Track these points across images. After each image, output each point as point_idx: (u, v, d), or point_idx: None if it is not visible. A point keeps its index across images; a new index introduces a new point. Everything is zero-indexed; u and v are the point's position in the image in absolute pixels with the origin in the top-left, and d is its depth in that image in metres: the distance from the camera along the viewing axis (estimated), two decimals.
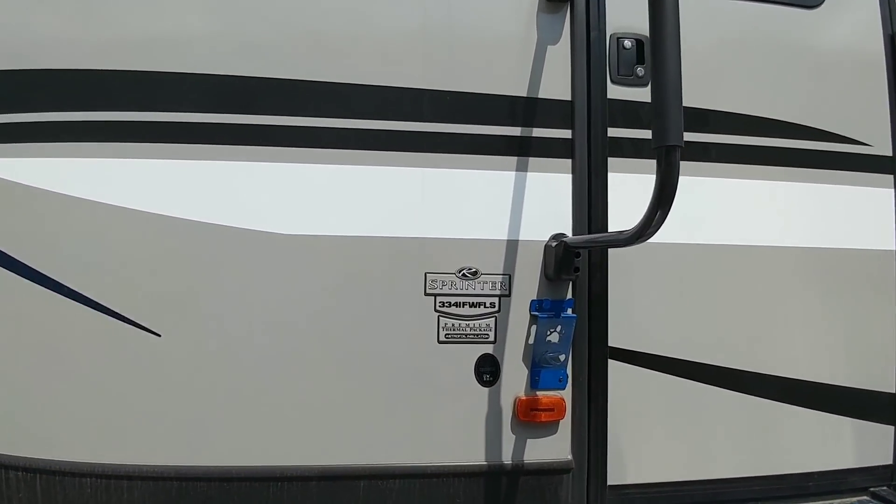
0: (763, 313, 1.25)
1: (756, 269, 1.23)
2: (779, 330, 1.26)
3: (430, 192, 1.10)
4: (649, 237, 0.75)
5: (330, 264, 1.06)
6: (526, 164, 1.14)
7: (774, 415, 1.25)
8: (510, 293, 1.12)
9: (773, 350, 1.26)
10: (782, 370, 1.25)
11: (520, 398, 1.11)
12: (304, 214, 1.05)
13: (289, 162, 1.05)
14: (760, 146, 1.24)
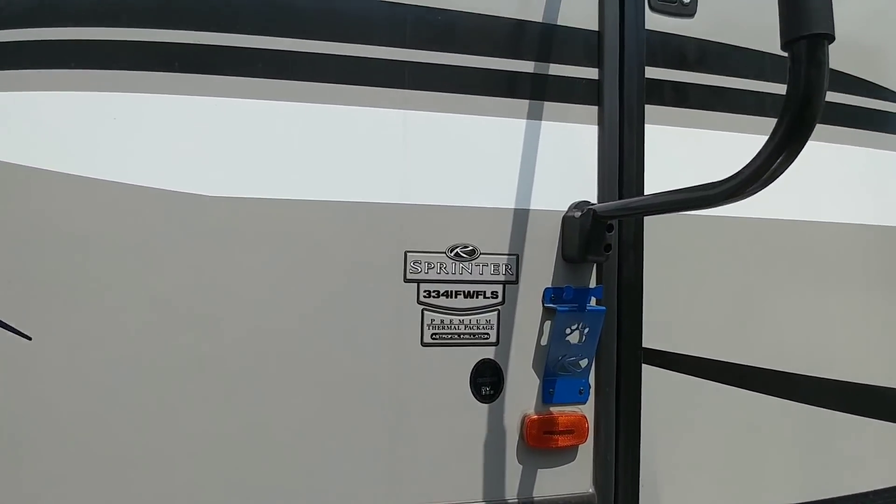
0: (828, 304, 1.01)
1: (828, 251, 0.99)
2: (843, 324, 1.03)
3: (413, 142, 0.82)
4: (762, 187, 0.49)
5: (269, 240, 0.77)
6: (540, 111, 0.87)
7: (832, 427, 1.02)
8: (517, 279, 0.85)
9: (832, 349, 1.03)
10: (840, 372, 1.03)
11: (529, 417, 0.85)
12: (231, 169, 0.76)
13: (206, 95, 0.75)
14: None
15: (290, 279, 0.77)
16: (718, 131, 0.94)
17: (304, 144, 0.78)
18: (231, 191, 0.75)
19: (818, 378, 1.00)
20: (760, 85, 0.97)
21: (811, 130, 0.44)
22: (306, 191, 0.77)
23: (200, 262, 0.74)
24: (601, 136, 0.88)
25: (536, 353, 0.86)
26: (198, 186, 0.74)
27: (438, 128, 0.83)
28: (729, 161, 0.95)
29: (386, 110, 0.81)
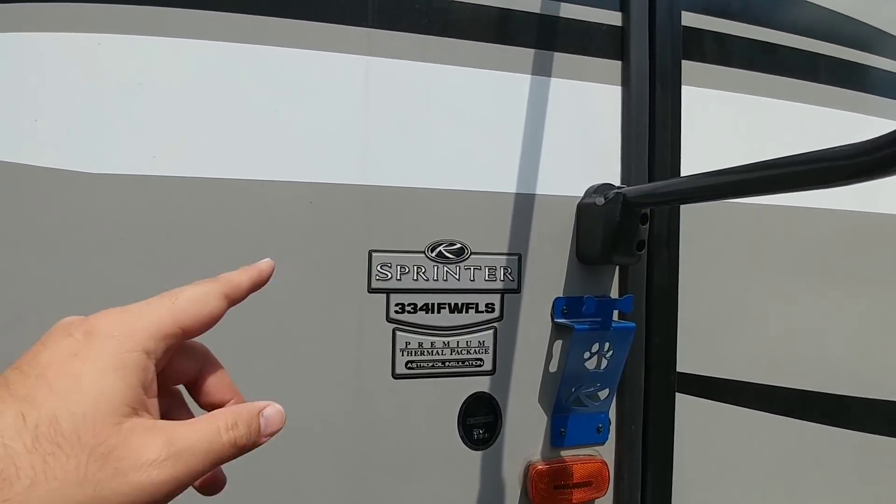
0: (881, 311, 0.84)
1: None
2: None
3: (378, 100, 0.59)
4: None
5: (190, 234, 0.54)
6: (548, 64, 0.66)
7: (880, 455, 0.86)
8: (519, 287, 0.64)
9: (884, 363, 0.86)
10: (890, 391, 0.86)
11: (535, 467, 0.64)
12: (122, 139, 0.52)
13: (90, 32, 0.51)
14: None
15: None
16: (766, 98, 0.75)
17: (213, 98, 0.55)
18: (134, 167, 0.52)
19: (868, 399, 0.83)
20: (814, 44, 0.78)
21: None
22: (239, 167, 0.55)
23: (97, 272, 0.51)
24: (626, 99, 0.68)
25: (544, 383, 0.66)
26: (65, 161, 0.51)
27: (413, 82, 0.61)
28: (779, 135, 0.77)
29: (340, 56, 0.58)
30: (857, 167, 0.34)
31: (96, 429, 0.22)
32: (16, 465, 0.20)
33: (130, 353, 0.24)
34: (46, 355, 0.23)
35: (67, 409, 0.22)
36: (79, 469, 0.21)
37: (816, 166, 0.37)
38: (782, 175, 0.39)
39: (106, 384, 0.23)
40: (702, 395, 0.71)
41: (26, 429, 0.21)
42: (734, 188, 0.43)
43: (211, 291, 0.30)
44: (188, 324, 0.27)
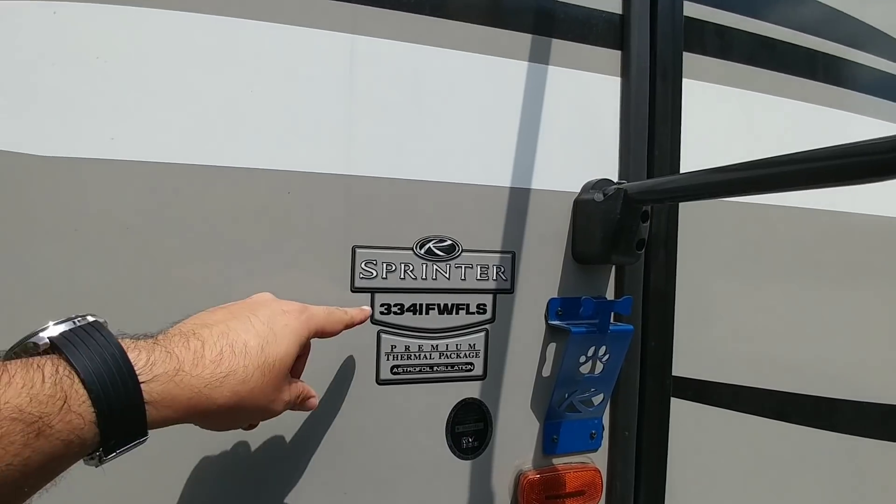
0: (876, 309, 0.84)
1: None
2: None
3: (364, 83, 0.55)
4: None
5: (151, 225, 0.48)
6: (545, 51, 0.62)
7: (867, 458, 0.86)
8: (513, 287, 0.61)
9: (872, 366, 0.86)
10: (880, 394, 0.86)
11: (526, 476, 0.61)
12: (77, 119, 0.46)
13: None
14: None
15: (190, 287, 0.49)
16: (764, 94, 0.73)
17: (180, 74, 0.49)
18: (93, 150, 0.46)
19: (857, 402, 0.83)
20: (813, 41, 0.77)
21: None
22: (182, 150, 0.49)
23: (57, 265, 0.45)
24: (626, 90, 0.65)
25: (536, 388, 0.63)
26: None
27: (402, 64, 0.56)
28: (777, 133, 0.76)
29: (323, 33, 0.53)
30: (882, 164, 0.31)
31: (283, 373, 0.39)
32: (251, 375, 0.36)
33: (304, 336, 0.42)
34: (271, 314, 0.40)
35: (280, 357, 0.39)
36: (269, 390, 0.38)
37: (839, 162, 0.34)
38: (804, 171, 0.36)
39: (292, 350, 0.40)
40: (696, 399, 0.69)
41: (261, 356, 0.37)
42: (749, 184, 0.40)
43: (342, 319, 0.48)
44: (326, 331, 0.46)
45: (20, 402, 0.25)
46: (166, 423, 0.32)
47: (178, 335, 0.35)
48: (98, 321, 0.32)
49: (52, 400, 0.27)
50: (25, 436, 0.25)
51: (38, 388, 0.26)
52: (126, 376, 0.29)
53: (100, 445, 0.29)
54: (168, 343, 0.34)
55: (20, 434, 0.25)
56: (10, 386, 0.26)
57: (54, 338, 0.29)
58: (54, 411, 0.26)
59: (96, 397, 0.28)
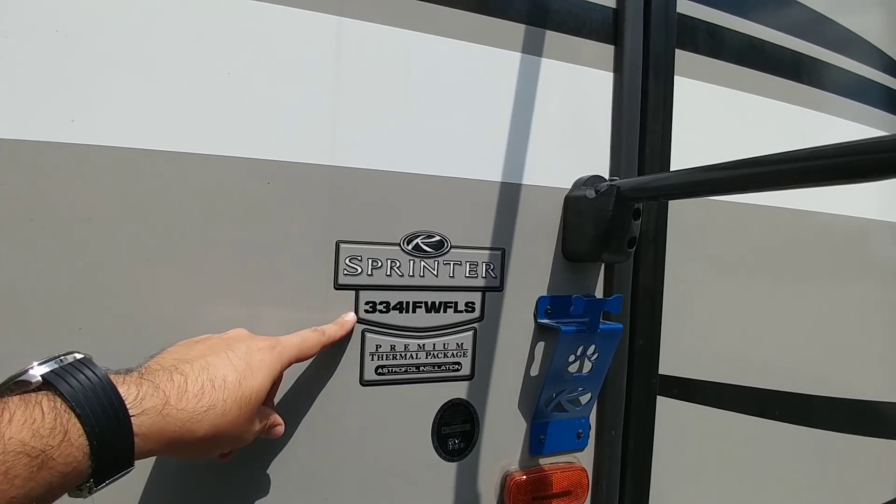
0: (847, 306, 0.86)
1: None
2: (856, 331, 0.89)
3: (351, 69, 0.52)
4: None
5: (116, 216, 0.44)
6: (538, 43, 0.60)
7: (835, 451, 0.89)
8: (502, 285, 0.59)
9: (844, 362, 0.88)
10: (852, 390, 0.89)
11: (513, 477, 0.60)
12: (34, 98, 0.42)
13: None
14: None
15: (143, 292, 0.46)
16: (751, 94, 0.74)
17: (150, 52, 0.45)
18: (56, 133, 0.42)
19: (830, 398, 0.85)
20: (798, 44, 0.78)
21: None
22: (151, 134, 0.45)
23: None
24: (618, 85, 0.64)
25: (524, 388, 0.61)
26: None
27: (392, 50, 0.53)
28: (764, 132, 0.76)
29: (307, 14, 0.50)
30: (874, 164, 0.30)
31: (257, 407, 0.41)
32: (229, 409, 0.38)
33: (278, 369, 0.43)
34: (247, 350, 0.41)
35: (256, 391, 0.40)
36: (244, 423, 0.40)
37: (830, 162, 0.33)
38: (795, 170, 0.35)
39: (266, 384, 0.41)
40: (680, 397, 0.69)
41: (239, 391, 0.39)
42: (743, 182, 0.40)
43: (319, 341, 0.48)
44: (301, 358, 0.47)
45: (23, 436, 0.27)
46: (149, 455, 0.34)
47: (160, 370, 0.36)
48: (86, 357, 0.33)
49: (53, 433, 0.28)
50: (29, 469, 0.27)
51: (39, 423, 0.28)
52: (118, 410, 0.31)
53: (91, 476, 0.30)
54: (153, 377, 0.35)
55: (24, 467, 0.27)
56: (11, 423, 0.27)
57: (47, 374, 0.31)
58: (55, 444, 0.28)
59: (91, 431, 0.29)
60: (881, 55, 0.91)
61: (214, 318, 0.47)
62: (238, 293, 0.48)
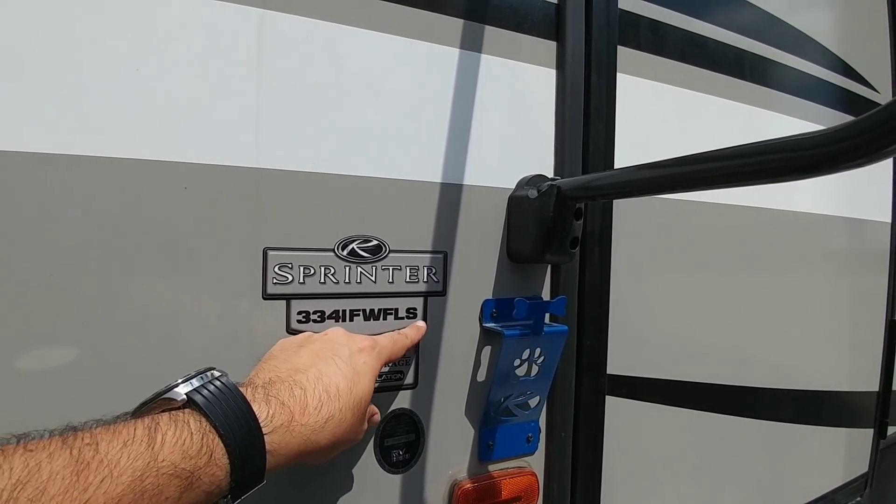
0: (792, 299, 0.88)
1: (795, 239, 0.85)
2: (801, 323, 0.92)
3: (275, 64, 0.49)
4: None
5: (15, 225, 0.40)
6: (478, 38, 0.58)
7: (784, 442, 0.91)
8: (444, 289, 0.57)
9: (790, 353, 0.91)
10: (797, 381, 0.92)
11: (461, 486, 0.59)
12: None
13: None
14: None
15: (43, 311, 0.41)
16: (695, 91, 0.74)
17: (52, 45, 0.41)
18: None
19: (778, 389, 0.87)
20: (742, 41, 0.78)
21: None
22: (53, 137, 0.41)
23: None
24: (561, 83, 0.63)
25: (470, 394, 0.60)
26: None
27: (320, 45, 0.50)
28: (709, 131, 0.77)
29: (227, 5, 0.47)
30: (810, 160, 0.30)
31: (366, 408, 0.42)
32: (345, 416, 0.39)
33: (378, 369, 0.45)
34: (350, 353, 0.43)
35: (365, 395, 0.42)
36: (357, 426, 0.42)
37: (768, 158, 0.33)
38: (734, 167, 0.34)
39: (371, 385, 0.43)
40: (629, 395, 0.69)
41: (352, 397, 0.40)
42: (683, 181, 0.39)
43: (404, 344, 0.50)
44: (393, 358, 0.48)
45: (175, 458, 0.28)
46: (277, 469, 0.35)
47: (279, 383, 0.38)
48: (223, 375, 0.35)
49: (200, 454, 0.29)
50: (179, 490, 0.28)
51: (188, 444, 0.29)
52: (253, 430, 0.32)
53: (228, 493, 0.32)
54: (278, 393, 0.36)
55: (175, 489, 0.28)
56: (164, 444, 0.28)
57: (190, 393, 0.32)
58: (201, 465, 0.29)
59: (233, 451, 0.31)
60: (826, 52, 0.93)
61: (132, 334, 0.44)
62: (155, 309, 0.45)
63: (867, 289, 1.08)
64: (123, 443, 0.27)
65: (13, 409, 0.40)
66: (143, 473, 0.27)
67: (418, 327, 0.53)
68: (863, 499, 1.16)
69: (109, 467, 0.26)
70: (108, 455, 0.26)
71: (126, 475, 0.26)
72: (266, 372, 0.39)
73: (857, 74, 0.99)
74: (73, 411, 0.41)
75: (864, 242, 1.06)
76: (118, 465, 0.26)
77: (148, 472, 0.27)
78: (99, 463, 0.26)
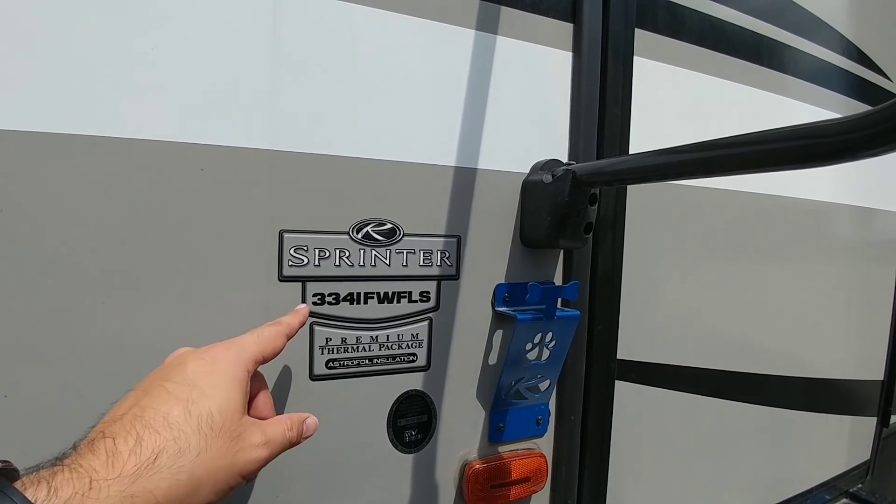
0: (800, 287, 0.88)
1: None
2: (810, 309, 0.92)
3: (292, 42, 0.48)
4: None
5: (28, 207, 0.40)
6: (493, 19, 0.57)
7: (789, 429, 0.92)
8: (458, 273, 0.58)
9: (798, 341, 0.91)
10: (804, 369, 0.92)
11: (472, 466, 0.60)
12: None
13: None
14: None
15: (58, 293, 0.42)
16: (712, 76, 0.73)
17: (63, 24, 0.41)
18: None
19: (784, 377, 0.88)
20: (759, 25, 0.77)
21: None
22: (66, 116, 0.41)
23: None
24: (577, 66, 0.62)
25: (482, 377, 0.61)
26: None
27: (337, 24, 0.50)
28: (725, 117, 0.76)
29: None
30: (843, 145, 0.29)
31: (232, 421, 0.35)
32: (188, 443, 0.32)
33: (241, 372, 0.37)
34: (189, 370, 0.36)
35: (216, 408, 0.34)
36: (224, 445, 0.33)
37: (790, 144, 0.32)
38: (755, 153, 0.34)
39: (232, 393, 0.36)
40: (638, 381, 0.69)
41: (192, 419, 0.33)
42: (704, 166, 0.38)
43: (279, 332, 0.42)
44: (267, 354, 0.41)
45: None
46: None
47: (84, 445, 0.31)
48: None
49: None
50: None
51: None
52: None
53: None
54: (74, 459, 0.29)
55: None
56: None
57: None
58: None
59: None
60: (842, 39, 0.92)
61: (144, 320, 0.44)
62: (171, 292, 0.45)
63: (876, 278, 1.08)
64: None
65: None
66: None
67: (298, 312, 0.46)
68: (864, 486, 1.17)
69: None
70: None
71: None
72: (79, 443, 0.32)
73: (871, 62, 0.98)
74: (85, 394, 0.42)
75: (873, 232, 1.05)
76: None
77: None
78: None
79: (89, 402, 0.42)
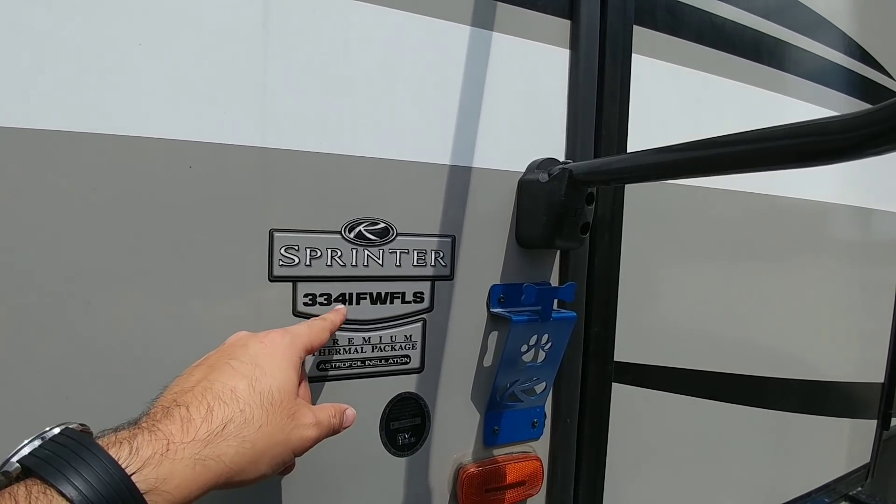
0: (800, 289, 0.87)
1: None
2: (811, 311, 0.91)
3: (283, 38, 0.47)
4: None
5: (13, 204, 0.39)
6: (489, 15, 0.57)
7: (789, 431, 0.91)
8: (452, 273, 0.57)
9: (797, 343, 0.90)
10: (803, 371, 0.91)
11: (466, 470, 0.59)
12: None
13: None
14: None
15: (40, 292, 0.41)
16: (712, 75, 0.72)
17: (50, 19, 0.40)
18: None
19: (783, 379, 0.87)
20: (760, 23, 0.76)
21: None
22: (53, 113, 0.40)
23: None
24: (574, 64, 0.61)
25: (477, 379, 0.60)
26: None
27: (329, 20, 0.49)
28: (725, 115, 0.75)
29: None
30: (846, 142, 0.28)
31: (289, 400, 0.38)
32: (252, 415, 0.35)
33: (295, 357, 0.41)
34: (252, 351, 0.39)
35: (276, 386, 0.37)
36: (282, 421, 0.36)
37: (790, 143, 0.31)
38: (764, 150, 0.33)
39: (289, 375, 0.39)
40: (635, 383, 0.68)
41: (255, 394, 0.36)
42: (703, 165, 0.38)
43: (325, 326, 0.46)
44: (314, 345, 0.44)
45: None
46: (191, 501, 0.31)
47: (158, 411, 0.33)
48: (68, 428, 0.30)
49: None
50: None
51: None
52: (112, 474, 0.27)
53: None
54: (150, 423, 0.32)
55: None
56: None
57: (23, 459, 0.28)
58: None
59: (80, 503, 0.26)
60: (844, 37, 0.91)
61: (131, 320, 0.43)
62: (158, 291, 0.44)
63: (876, 279, 1.07)
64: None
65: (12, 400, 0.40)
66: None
67: (339, 311, 0.49)
68: (864, 489, 1.17)
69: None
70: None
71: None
72: (151, 407, 0.34)
73: (874, 60, 0.97)
74: (71, 396, 0.41)
75: (874, 233, 1.04)
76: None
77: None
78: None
79: (75, 402, 0.42)
